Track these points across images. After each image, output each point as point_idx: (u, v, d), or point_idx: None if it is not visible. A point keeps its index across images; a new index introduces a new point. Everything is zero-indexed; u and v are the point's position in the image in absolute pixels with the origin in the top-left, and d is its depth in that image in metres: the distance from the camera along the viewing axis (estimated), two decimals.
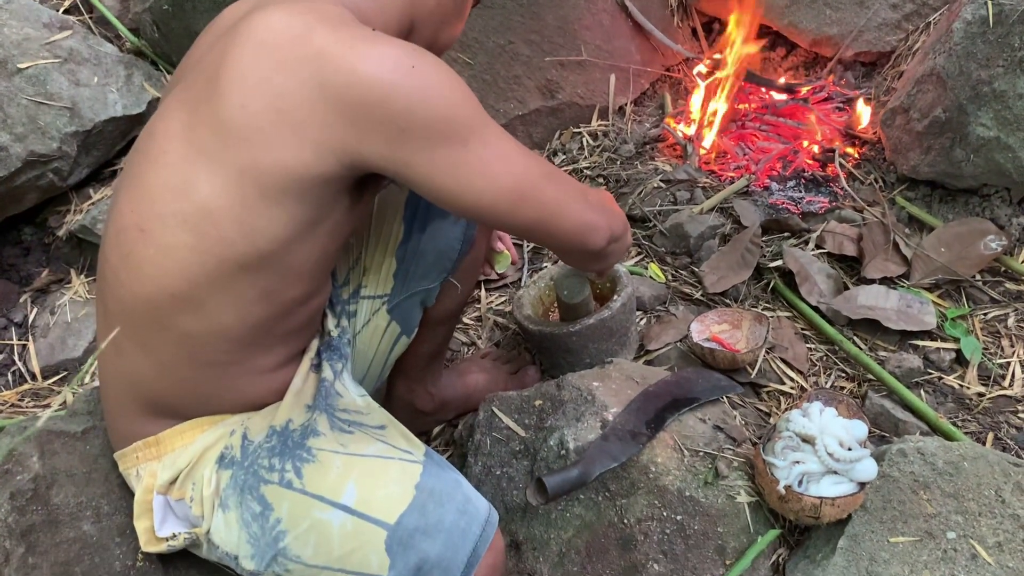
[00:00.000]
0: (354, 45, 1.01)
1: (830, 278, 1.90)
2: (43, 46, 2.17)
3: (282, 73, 1.00)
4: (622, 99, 2.54)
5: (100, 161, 2.25)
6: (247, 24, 1.05)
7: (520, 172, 1.08)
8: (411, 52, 1.03)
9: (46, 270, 2.22)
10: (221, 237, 1.04)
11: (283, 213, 1.04)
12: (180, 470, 1.19)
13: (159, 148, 1.08)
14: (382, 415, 1.30)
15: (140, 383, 1.17)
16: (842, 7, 2.46)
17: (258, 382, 1.21)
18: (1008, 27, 1.83)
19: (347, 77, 0.99)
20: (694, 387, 1.54)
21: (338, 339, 1.35)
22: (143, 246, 1.07)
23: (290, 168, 1.02)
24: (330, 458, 1.18)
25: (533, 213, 1.10)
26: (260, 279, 1.09)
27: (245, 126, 1.01)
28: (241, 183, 1.02)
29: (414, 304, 1.46)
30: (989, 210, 2.01)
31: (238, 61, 1.03)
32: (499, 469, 1.50)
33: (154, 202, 1.07)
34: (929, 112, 1.99)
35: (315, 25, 1.02)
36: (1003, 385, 1.73)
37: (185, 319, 1.10)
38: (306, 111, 1.00)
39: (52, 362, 2.03)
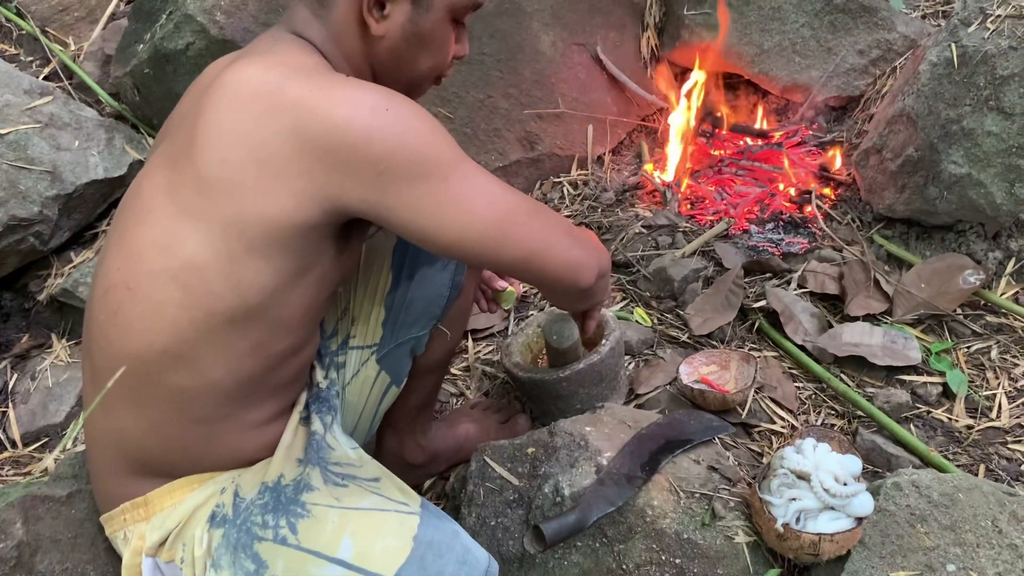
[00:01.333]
0: (329, 92, 1.03)
1: (814, 317, 1.92)
2: (23, 112, 2.18)
3: (259, 125, 1.02)
4: (600, 149, 2.58)
5: (81, 224, 2.25)
6: (222, 80, 1.07)
7: (503, 207, 1.08)
8: (385, 95, 1.04)
9: (26, 335, 2.19)
10: (209, 291, 1.04)
11: (269, 264, 1.05)
12: (169, 531, 1.17)
13: (144, 206, 1.09)
14: (375, 467, 1.29)
15: (128, 442, 1.15)
16: (811, 54, 2.53)
17: (248, 437, 1.20)
18: (972, 68, 1.89)
19: (324, 123, 1.01)
20: (687, 429, 1.53)
21: (327, 391, 1.34)
22: (132, 304, 1.07)
23: (273, 218, 1.02)
24: (325, 512, 1.17)
25: (519, 250, 1.10)
26: (250, 332, 1.09)
27: (226, 180, 1.02)
28: (226, 237, 1.03)
29: (404, 353, 1.45)
30: (965, 245, 2.04)
31: (215, 116, 1.05)
32: (494, 519, 1.48)
33: (141, 260, 1.07)
34: (902, 151, 2.03)
35: (289, 76, 1.05)
36: (991, 417, 1.74)
37: (175, 375, 1.09)
38: (285, 160, 1.01)
39: (33, 428, 1.99)
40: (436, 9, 1.19)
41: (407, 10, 1.17)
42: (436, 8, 1.19)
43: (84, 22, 2.65)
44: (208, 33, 2.08)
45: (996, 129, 1.88)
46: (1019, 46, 1.84)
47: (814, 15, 2.52)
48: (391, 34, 1.18)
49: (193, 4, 2.08)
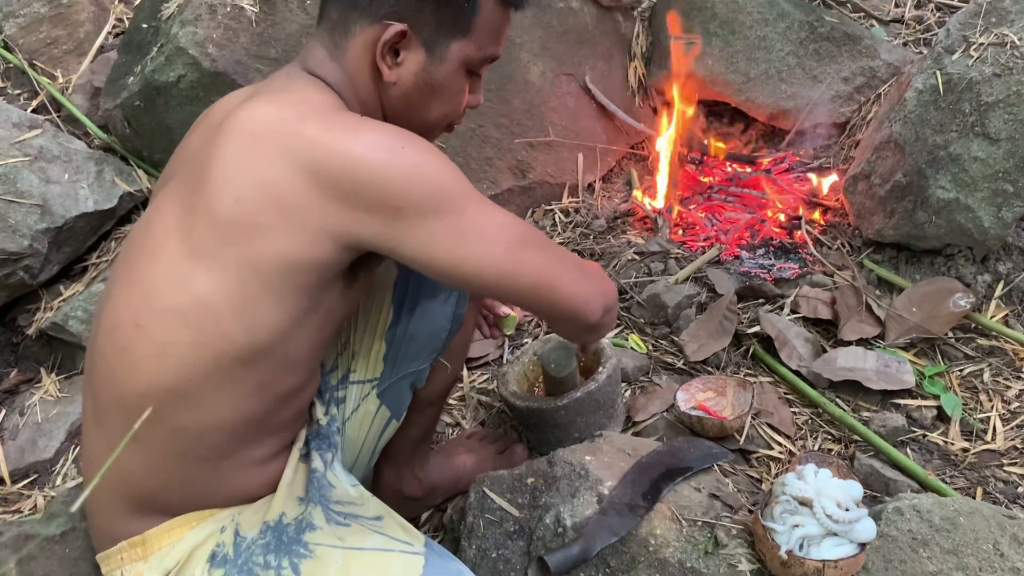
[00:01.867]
0: (345, 131, 1.04)
1: (808, 342, 1.93)
2: (12, 145, 2.17)
3: (275, 163, 1.02)
4: (591, 176, 2.60)
5: (71, 257, 2.23)
6: (236, 117, 1.07)
7: (516, 238, 1.09)
8: (400, 134, 1.06)
9: (15, 370, 2.16)
10: (221, 332, 1.04)
11: (281, 304, 1.05)
12: (168, 570, 1.15)
13: (156, 243, 1.09)
14: (377, 505, 1.27)
15: (129, 479, 1.13)
16: (796, 82, 2.56)
17: (250, 475, 1.19)
18: (958, 94, 1.92)
19: (341, 161, 1.01)
20: (687, 456, 1.53)
21: (327, 427, 1.33)
22: (141, 342, 1.06)
23: (289, 257, 1.02)
24: (328, 553, 1.15)
25: (531, 279, 1.10)
26: (256, 372, 1.09)
27: (241, 220, 1.02)
28: (241, 276, 1.03)
29: (404, 387, 1.44)
30: (954, 269, 2.07)
31: (228, 155, 1.05)
32: (495, 551, 1.47)
33: (151, 298, 1.06)
34: (890, 177, 2.06)
35: (305, 115, 1.05)
36: (986, 440, 1.75)
37: (180, 414, 1.08)
38: (301, 199, 1.01)
39: (22, 465, 1.96)
40: (450, 61, 1.19)
41: (421, 59, 1.18)
42: (450, 60, 1.19)
43: (72, 55, 2.65)
44: (200, 66, 2.08)
45: (982, 154, 1.91)
46: (1003, 73, 1.88)
47: (799, 43, 2.55)
48: (403, 81, 1.19)
49: (185, 37, 2.09)
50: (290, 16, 2.19)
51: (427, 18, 1.15)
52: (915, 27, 2.84)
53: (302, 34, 2.20)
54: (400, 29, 1.13)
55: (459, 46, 1.19)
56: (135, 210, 2.38)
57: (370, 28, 1.15)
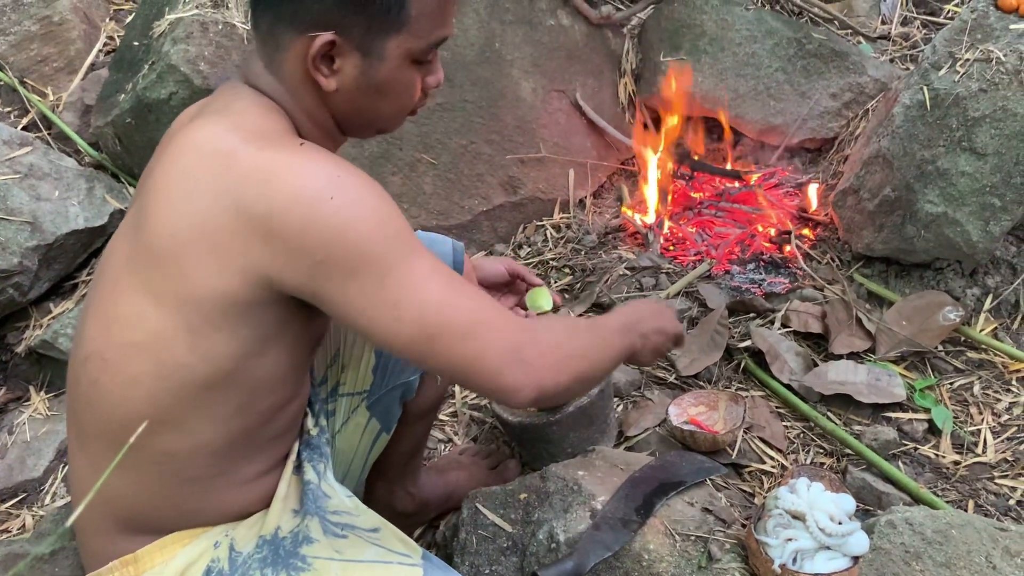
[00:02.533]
0: (274, 171, 1.00)
1: (799, 356, 1.94)
2: (3, 163, 2.17)
3: (205, 197, 1.00)
4: (582, 192, 2.61)
5: (61, 275, 2.22)
6: (176, 144, 1.05)
7: (434, 320, 1.02)
8: (333, 179, 1.00)
9: (3, 388, 2.15)
10: (179, 363, 1.03)
11: (234, 335, 1.03)
12: None
13: (112, 275, 1.09)
14: (373, 517, 1.26)
15: (118, 501, 1.12)
16: (785, 98, 2.58)
17: (242, 492, 1.17)
18: (945, 110, 1.94)
19: (266, 204, 0.98)
20: (679, 470, 1.53)
21: (317, 438, 1.32)
22: (108, 375, 1.06)
23: (225, 294, 1.00)
24: (326, 566, 1.14)
25: (444, 364, 1.04)
26: (231, 395, 1.07)
27: (176, 256, 1.01)
28: (183, 311, 1.01)
29: (394, 399, 1.44)
30: (943, 283, 2.08)
31: (164, 186, 1.03)
32: (487, 568, 1.46)
33: (111, 333, 1.06)
34: (879, 192, 2.07)
35: (240, 147, 1.01)
36: (977, 452, 1.75)
37: (163, 439, 1.07)
38: (227, 236, 0.99)
39: (11, 484, 1.94)
40: (390, 59, 1.09)
41: (358, 63, 1.08)
42: (390, 58, 1.09)
43: (63, 73, 2.65)
44: (191, 83, 2.09)
45: (970, 169, 1.93)
46: (989, 89, 1.90)
47: (787, 60, 2.58)
48: (345, 87, 1.10)
49: (177, 54, 2.10)
50: None
51: (354, 22, 1.06)
52: (902, 43, 2.87)
53: None
54: (328, 39, 1.05)
55: (397, 42, 1.08)
56: None
57: (299, 40, 1.06)
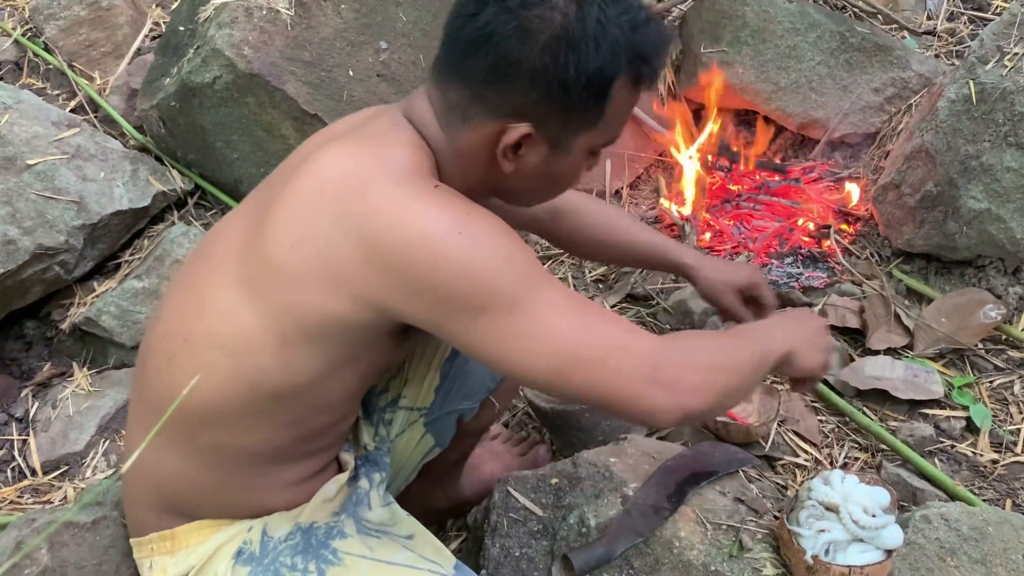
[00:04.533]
0: (406, 205, 0.99)
1: (836, 350, 1.92)
2: (51, 143, 2.22)
3: (334, 224, 1.00)
4: (618, 183, 2.60)
5: (105, 254, 2.27)
6: (316, 159, 1.06)
7: (566, 352, 1.00)
8: (462, 216, 1.00)
9: (48, 364, 2.20)
10: (257, 366, 1.04)
11: (321, 352, 1.04)
12: (192, 566, 1.16)
13: (218, 260, 1.10)
14: (411, 524, 1.28)
15: (162, 480, 1.15)
16: (827, 92, 2.55)
17: (281, 495, 1.19)
18: (991, 104, 1.91)
19: (394, 240, 0.98)
20: (711, 460, 1.53)
21: (376, 452, 1.33)
22: (185, 357, 1.08)
23: (331, 315, 1.01)
24: (356, 563, 1.16)
25: (581, 392, 1.03)
26: (291, 408, 1.09)
27: (291, 268, 1.02)
28: (281, 320, 1.02)
29: (451, 420, 1.45)
30: (985, 280, 2.05)
31: (295, 201, 1.04)
32: (518, 550, 1.47)
33: (201, 317, 1.08)
34: (920, 187, 2.04)
35: (377, 178, 1.01)
36: (1015, 452, 1.73)
37: (213, 432, 1.10)
38: (351, 265, 0.99)
39: (53, 457, 1.99)
40: (575, 153, 1.10)
41: (544, 154, 1.09)
42: (575, 152, 1.10)
43: (110, 57, 2.70)
44: (236, 67, 2.12)
45: (1015, 165, 1.89)
46: None
47: (830, 53, 2.55)
48: (522, 171, 1.10)
49: (221, 39, 2.12)
50: (325, 20, 2.22)
51: (553, 117, 1.05)
52: (947, 39, 2.82)
53: (336, 38, 2.23)
54: (525, 132, 1.05)
55: (586, 138, 1.10)
56: (168, 209, 2.42)
57: (491, 123, 1.06)
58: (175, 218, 2.41)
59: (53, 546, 1.32)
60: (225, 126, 2.24)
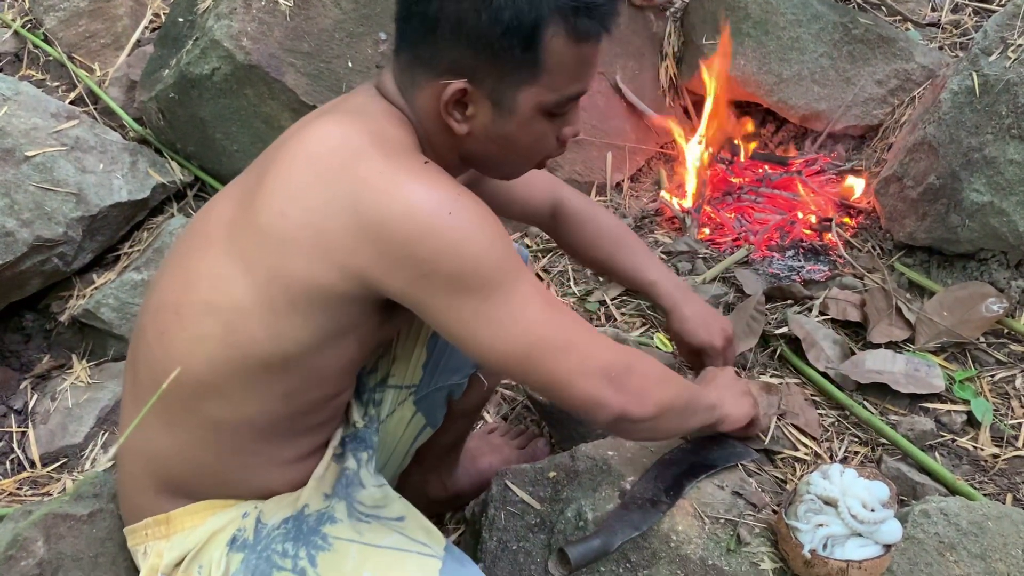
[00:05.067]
0: (397, 180, 1.00)
1: (836, 344, 1.91)
2: (50, 135, 2.21)
3: (324, 191, 1.01)
4: (619, 176, 2.59)
5: (104, 246, 2.27)
6: (305, 131, 1.07)
7: (534, 338, 1.04)
8: (452, 196, 1.01)
9: (47, 356, 2.20)
10: (249, 335, 1.05)
11: (309, 322, 1.05)
12: (187, 551, 1.17)
13: (208, 234, 1.11)
14: (401, 506, 1.27)
15: (158, 460, 1.15)
16: (829, 83, 2.54)
17: (278, 473, 1.20)
18: (994, 96, 1.89)
19: (383, 211, 0.99)
20: (710, 454, 1.52)
21: (364, 429, 1.33)
22: (177, 329, 1.08)
23: (317, 283, 1.02)
24: (346, 547, 1.16)
25: (540, 380, 1.07)
26: (284, 379, 1.09)
27: (281, 234, 1.02)
28: (270, 287, 1.03)
29: (441, 397, 1.45)
30: (987, 274, 2.03)
31: (286, 168, 1.05)
32: (515, 544, 1.47)
33: (192, 289, 1.08)
34: (923, 180, 2.03)
35: (367, 149, 1.02)
36: (1017, 446, 1.72)
37: (210, 405, 1.10)
38: (339, 234, 1.00)
39: (52, 449, 1.99)
40: (521, 111, 1.08)
41: (489, 112, 1.08)
42: (521, 110, 1.08)
43: (110, 49, 2.69)
44: (234, 59, 2.11)
45: (1019, 157, 1.88)
46: None
47: (833, 45, 2.53)
48: (476, 133, 1.10)
49: (220, 30, 2.12)
50: (323, 11, 2.21)
51: (486, 72, 1.05)
52: (952, 31, 2.80)
53: (335, 29, 2.22)
54: (459, 87, 1.05)
55: (528, 94, 1.06)
56: (167, 201, 2.42)
57: (433, 83, 1.07)
58: (174, 210, 2.40)
59: (50, 538, 1.32)
60: (224, 118, 2.23)
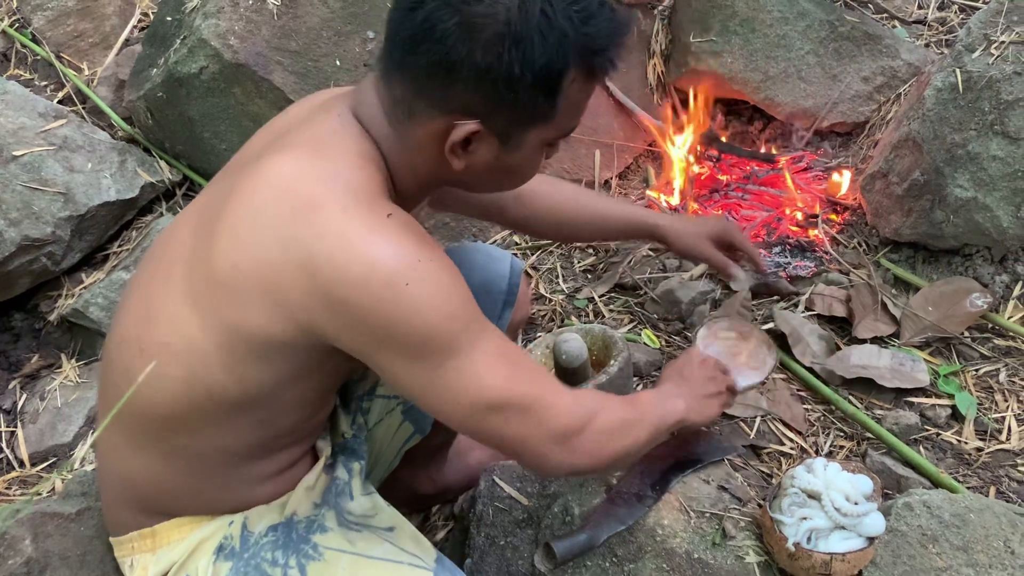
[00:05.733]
0: (353, 240, 0.96)
1: (822, 339, 1.92)
2: (38, 134, 2.21)
3: (277, 245, 0.97)
4: (607, 173, 2.60)
5: (93, 245, 2.27)
6: (263, 170, 1.02)
7: (488, 404, 1.02)
8: (412, 263, 0.96)
9: (36, 356, 2.20)
10: (211, 378, 1.03)
11: (271, 367, 1.03)
12: (173, 563, 1.16)
13: (167, 270, 1.08)
14: (391, 516, 1.27)
15: (137, 483, 1.15)
16: (815, 81, 2.55)
17: (260, 488, 1.19)
18: (977, 92, 1.91)
19: (337, 275, 0.95)
20: (696, 449, 1.53)
21: (353, 440, 1.33)
22: (141, 366, 1.05)
23: (273, 335, 1.00)
24: (336, 557, 1.16)
25: (490, 440, 1.07)
26: (254, 412, 1.08)
27: (234, 286, 0.99)
28: (228, 336, 1.01)
29: None
30: (972, 269, 2.05)
31: (240, 215, 1.01)
32: (503, 539, 1.48)
33: (153, 328, 1.06)
34: (908, 176, 2.05)
35: (325, 201, 0.97)
36: (1000, 439, 1.73)
37: (180, 437, 1.09)
38: (292, 292, 0.97)
39: (41, 448, 1.99)
40: (527, 147, 1.08)
41: (494, 149, 1.07)
42: (527, 146, 1.08)
43: (98, 48, 2.69)
44: (222, 57, 2.11)
45: (1002, 153, 1.90)
46: (1023, 71, 1.86)
47: (819, 43, 2.54)
48: (473, 167, 1.08)
49: (207, 29, 2.12)
50: (311, 10, 2.22)
51: (501, 114, 1.03)
52: (938, 28, 2.82)
53: (323, 27, 2.22)
54: (472, 129, 1.02)
55: (537, 132, 1.07)
56: (156, 200, 2.42)
57: (438, 119, 1.03)
58: (163, 209, 2.40)
59: (37, 537, 1.32)
60: (212, 116, 2.23)
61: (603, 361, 1.75)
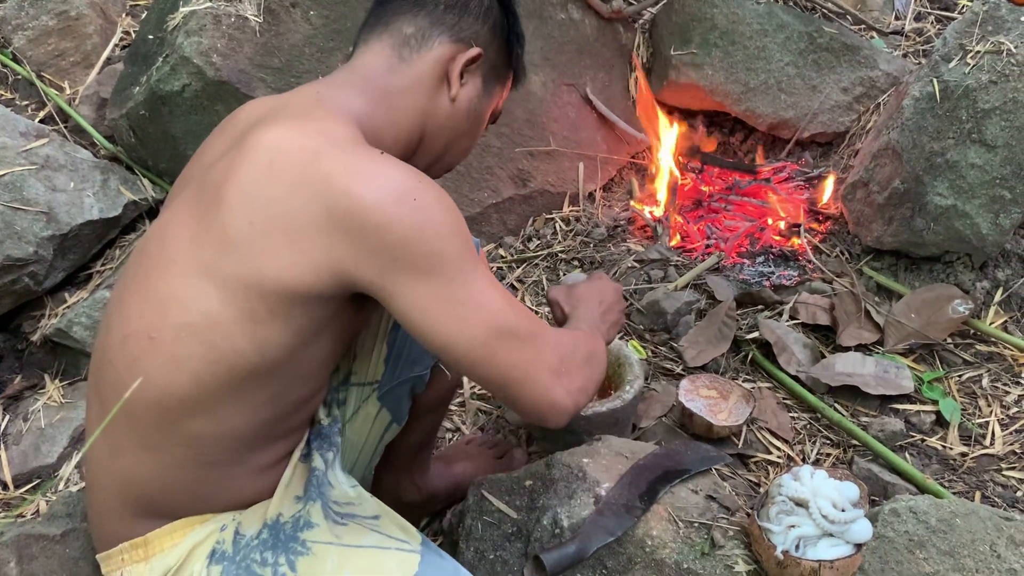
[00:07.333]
0: (360, 171, 1.04)
1: (807, 347, 1.93)
2: (19, 154, 2.20)
3: (290, 194, 1.03)
4: (591, 185, 2.61)
5: (76, 265, 2.25)
6: (257, 139, 1.08)
7: (496, 328, 1.06)
8: (415, 183, 1.05)
9: (19, 376, 2.18)
10: (232, 348, 1.05)
11: (289, 325, 1.06)
12: (169, 567, 1.15)
13: (169, 256, 1.10)
14: (375, 504, 1.28)
15: (135, 484, 1.14)
16: (796, 92, 2.58)
17: (256, 480, 1.20)
18: (954, 102, 1.93)
19: (351, 203, 1.01)
20: (684, 459, 1.53)
21: (328, 428, 1.33)
22: (152, 354, 1.07)
23: (291, 285, 1.03)
24: (325, 550, 1.16)
25: (497, 373, 1.08)
26: (270, 384, 1.10)
27: (250, 243, 1.03)
28: (247, 297, 1.04)
29: (404, 391, 1.45)
30: (953, 276, 2.07)
31: (247, 177, 1.06)
32: (492, 553, 1.47)
33: (164, 312, 1.07)
34: (888, 184, 2.07)
35: (325, 148, 1.05)
36: (984, 444, 1.75)
37: (194, 422, 1.09)
38: (310, 233, 1.02)
39: (25, 470, 1.97)
40: (492, 101, 1.32)
41: (478, 88, 1.28)
42: (492, 100, 1.32)
43: (79, 67, 2.68)
44: (204, 75, 2.11)
45: (979, 161, 1.92)
46: (999, 80, 1.89)
47: (798, 54, 2.57)
48: (460, 103, 1.26)
49: (190, 47, 2.12)
50: (294, 27, 2.22)
51: (492, 54, 1.27)
52: (915, 39, 2.86)
53: (305, 44, 2.23)
54: (476, 52, 1.23)
55: (499, 91, 1.33)
56: (140, 219, 2.40)
57: (450, 45, 1.23)
58: (146, 227, 2.39)
59: (22, 559, 1.31)
60: (195, 134, 2.23)
61: (612, 379, 1.75)
